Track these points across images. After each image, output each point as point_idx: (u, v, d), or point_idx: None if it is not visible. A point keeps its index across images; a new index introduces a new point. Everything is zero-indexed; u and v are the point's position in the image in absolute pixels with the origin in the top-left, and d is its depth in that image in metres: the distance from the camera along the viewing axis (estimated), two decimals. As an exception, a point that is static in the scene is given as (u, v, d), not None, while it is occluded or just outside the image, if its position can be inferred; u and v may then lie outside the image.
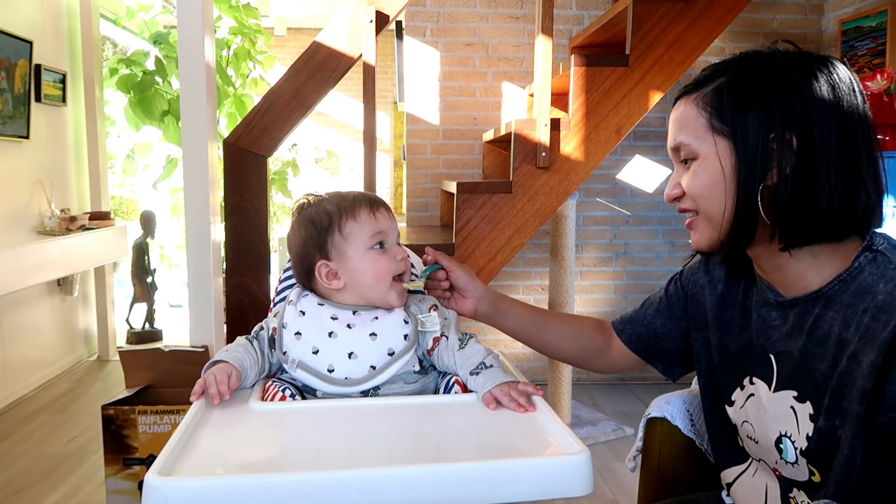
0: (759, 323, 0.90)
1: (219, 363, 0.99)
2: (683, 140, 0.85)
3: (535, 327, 1.15)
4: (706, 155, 0.83)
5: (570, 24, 3.14)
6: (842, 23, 2.98)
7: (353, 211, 1.04)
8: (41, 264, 2.84)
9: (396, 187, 6.74)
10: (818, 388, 0.80)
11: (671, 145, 0.88)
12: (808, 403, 0.81)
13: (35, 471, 2.31)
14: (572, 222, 2.61)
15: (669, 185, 0.89)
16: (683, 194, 0.87)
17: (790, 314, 0.85)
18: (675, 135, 0.87)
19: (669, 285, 1.08)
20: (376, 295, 1.04)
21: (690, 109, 0.84)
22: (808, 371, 0.82)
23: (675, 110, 0.88)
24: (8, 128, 2.95)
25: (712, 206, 0.83)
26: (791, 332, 0.85)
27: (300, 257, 1.07)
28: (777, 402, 0.85)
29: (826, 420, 0.78)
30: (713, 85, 0.83)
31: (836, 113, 0.77)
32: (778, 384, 0.86)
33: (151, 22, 3.97)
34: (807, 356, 0.82)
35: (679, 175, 0.88)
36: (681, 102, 0.87)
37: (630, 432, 2.68)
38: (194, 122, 1.88)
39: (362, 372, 0.98)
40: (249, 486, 0.69)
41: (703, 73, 0.86)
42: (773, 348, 0.87)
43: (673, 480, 1.11)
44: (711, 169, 0.82)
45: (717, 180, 0.82)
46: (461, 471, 0.72)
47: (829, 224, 0.79)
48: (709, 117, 0.82)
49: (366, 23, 2.03)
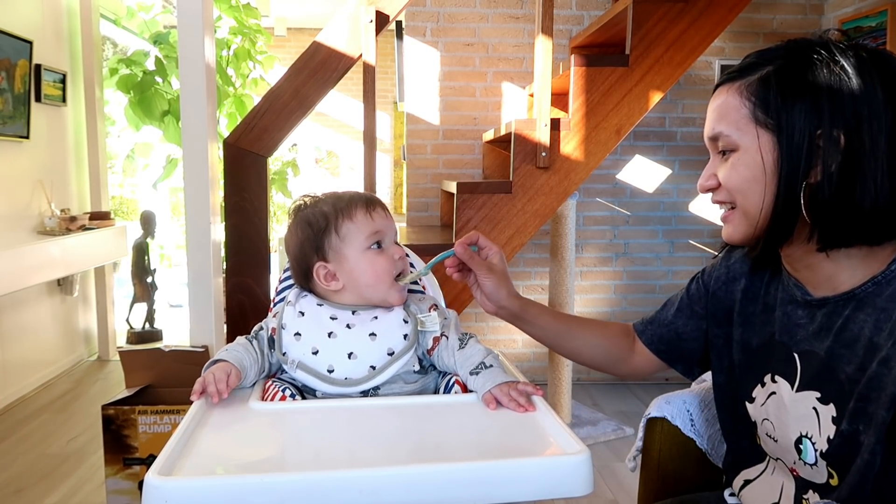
0: (784, 320, 0.88)
1: (218, 362, 0.99)
2: (723, 130, 0.81)
3: (559, 337, 1.13)
4: (747, 147, 0.80)
5: (570, 24, 3.14)
6: (842, 23, 2.98)
7: (349, 211, 1.04)
8: (41, 264, 2.84)
9: (396, 187, 6.74)
10: (843, 390, 0.78)
11: (709, 134, 0.84)
12: (832, 406, 0.79)
13: (35, 471, 2.31)
14: (572, 222, 2.61)
15: (704, 175, 0.86)
16: (718, 186, 0.84)
17: (818, 314, 0.83)
18: (714, 124, 0.83)
19: (691, 284, 1.06)
20: (375, 295, 1.04)
21: (733, 98, 0.81)
22: (832, 373, 0.79)
23: (716, 98, 0.84)
24: (8, 128, 2.95)
25: (749, 201, 0.81)
26: (818, 332, 0.82)
27: (298, 259, 1.07)
28: (799, 403, 0.83)
29: (850, 424, 0.77)
30: (758, 74, 0.79)
31: (888, 110, 0.74)
32: (801, 384, 0.84)
33: (151, 22, 3.97)
34: (833, 357, 0.80)
35: (715, 165, 0.85)
36: (722, 90, 0.83)
37: (630, 432, 2.68)
38: (194, 122, 1.88)
39: (362, 372, 0.97)
40: (249, 486, 0.69)
41: (746, 60, 0.82)
42: (798, 347, 0.85)
43: (673, 480, 1.11)
44: (752, 162, 0.79)
45: (756, 174, 0.79)
46: (461, 471, 0.72)
47: (872, 226, 0.76)
48: (752, 108, 0.79)
49: (366, 23, 2.03)
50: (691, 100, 3.21)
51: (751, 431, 0.95)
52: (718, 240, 3.28)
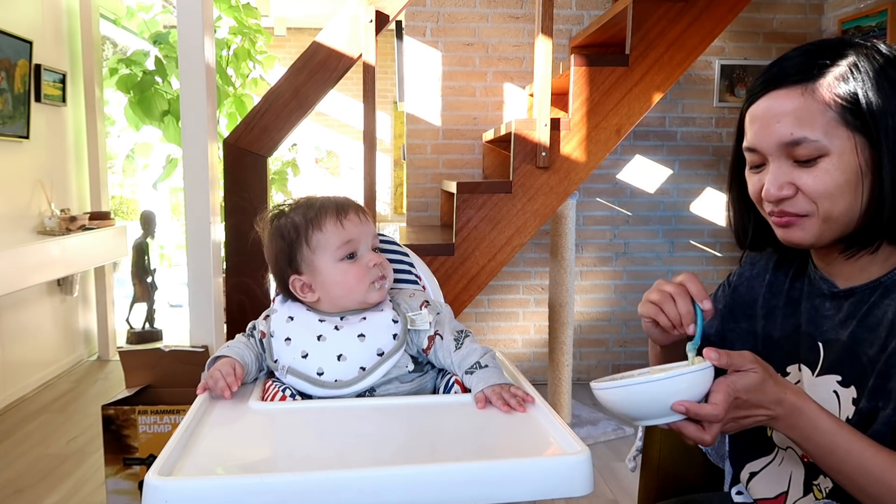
0: (811, 313, 0.88)
1: (221, 359, 1.00)
2: (808, 136, 0.77)
3: None
4: (841, 152, 0.77)
5: (570, 24, 3.14)
6: (842, 22, 2.98)
7: (318, 221, 1.02)
8: (41, 264, 2.84)
9: (396, 187, 6.74)
10: (864, 372, 0.79)
11: (785, 140, 0.79)
12: (853, 388, 0.80)
13: (35, 471, 2.31)
14: (572, 222, 2.61)
15: (776, 184, 0.80)
16: (795, 195, 0.80)
17: (844, 304, 0.84)
18: (791, 129, 0.78)
19: (717, 291, 1.05)
20: (351, 304, 1.03)
21: (812, 103, 0.77)
22: (854, 356, 0.80)
23: (784, 101, 0.79)
24: (8, 128, 2.95)
25: (838, 207, 0.78)
26: (844, 321, 0.83)
27: (274, 272, 1.06)
28: (819, 387, 0.84)
29: (868, 401, 0.77)
30: (833, 74, 0.77)
31: None
32: (822, 369, 0.85)
33: (151, 22, 3.97)
34: (855, 342, 0.81)
35: (787, 174, 0.80)
36: (789, 94, 0.79)
37: (630, 432, 2.68)
38: (194, 122, 1.88)
39: (352, 373, 0.97)
40: (249, 486, 0.69)
41: (801, 62, 0.80)
42: (823, 337, 0.86)
43: (673, 480, 1.11)
44: (847, 167, 0.77)
45: (850, 178, 0.77)
46: (461, 471, 0.72)
47: None
48: (841, 111, 0.76)
49: (366, 23, 2.03)
50: (691, 100, 3.21)
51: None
52: (718, 240, 3.28)
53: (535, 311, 3.26)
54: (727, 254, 3.30)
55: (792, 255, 0.93)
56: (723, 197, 3.27)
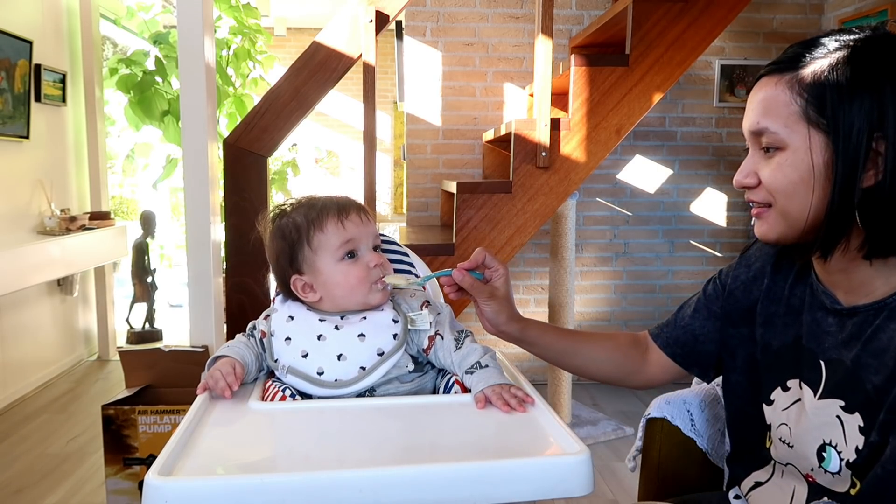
0: (813, 326, 0.85)
1: (221, 358, 1.00)
2: (769, 126, 0.76)
3: (564, 354, 1.08)
4: (796, 148, 0.75)
5: (570, 24, 3.14)
6: (842, 22, 2.98)
7: (319, 222, 1.02)
8: (41, 264, 2.84)
9: (396, 187, 6.74)
10: (869, 400, 0.76)
11: (752, 128, 0.79)
12: (858, 415, 0.77)
13: (35, 471, 2.31)
14: (572, 222, 2.61)
15: (743, 171, 0.80)
16: (758, 184, 0.79)
17: (848, 323, 0.80)
18: (758, 117, 0.78)
19: (707, 285, 1.03)
20: (352, 304, 1.03)
21: (782, 93, 0.76)
22: (858, 382, 0.77)
23: (761, 90, 0.79)
24: (8, 128, 2.95)
25: (793, 203, 0.76)
26: (847, 341, 0.80)
27: (276, 272, 1.06)
28: (821, 410, 0.81)
29: (879, 435, 0.74)
30: (812, 68, 0.74)
31: None
32: (824, 392, 0.81)
33: (151, 22, 3.97)
34: (859, 366, 0.77)
35: (756, 162, 0.80)
36: (769, 82, 0.78)
37: (630, 432, 2.68)
38: (194, 122, 1.88)
39: (352, 373, 0.97)
40: (249, 486, 0.69)
41: (795, 51, 0.77)
42: (825, 355, 0.82)
43: (673, 480, 1.11)
44: (800, 164, 0.75)
45: (804, 177, 0.75)
46: (461, 471, 0.72)
47: None
48: (804, 106, 0.74)
49: (366, 23, 2.03)
50: (691, 100, 3.21)
51: (760, 433, 0.93)
52: (718, 240, 3.28)
53: (535, 311, 3.26)
54: (727, 254, 3.30)
55: (791, 258, 0.90)
56: (723, 197, 3.27)
